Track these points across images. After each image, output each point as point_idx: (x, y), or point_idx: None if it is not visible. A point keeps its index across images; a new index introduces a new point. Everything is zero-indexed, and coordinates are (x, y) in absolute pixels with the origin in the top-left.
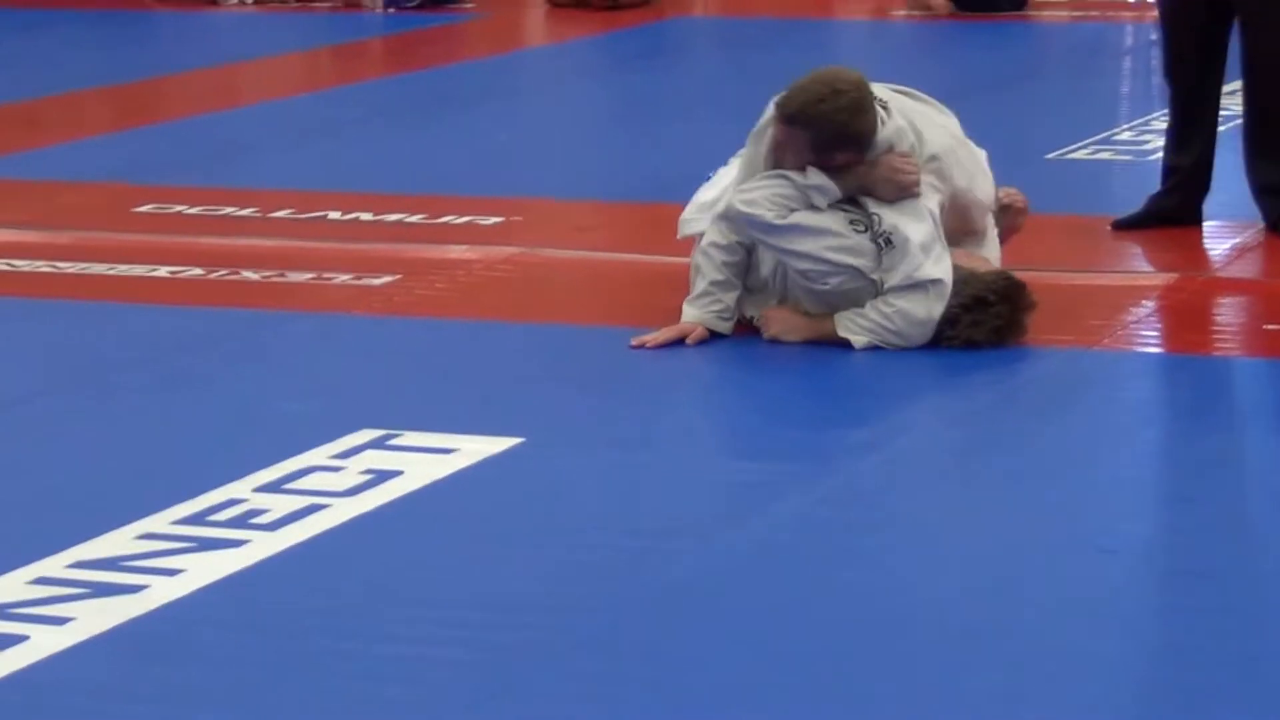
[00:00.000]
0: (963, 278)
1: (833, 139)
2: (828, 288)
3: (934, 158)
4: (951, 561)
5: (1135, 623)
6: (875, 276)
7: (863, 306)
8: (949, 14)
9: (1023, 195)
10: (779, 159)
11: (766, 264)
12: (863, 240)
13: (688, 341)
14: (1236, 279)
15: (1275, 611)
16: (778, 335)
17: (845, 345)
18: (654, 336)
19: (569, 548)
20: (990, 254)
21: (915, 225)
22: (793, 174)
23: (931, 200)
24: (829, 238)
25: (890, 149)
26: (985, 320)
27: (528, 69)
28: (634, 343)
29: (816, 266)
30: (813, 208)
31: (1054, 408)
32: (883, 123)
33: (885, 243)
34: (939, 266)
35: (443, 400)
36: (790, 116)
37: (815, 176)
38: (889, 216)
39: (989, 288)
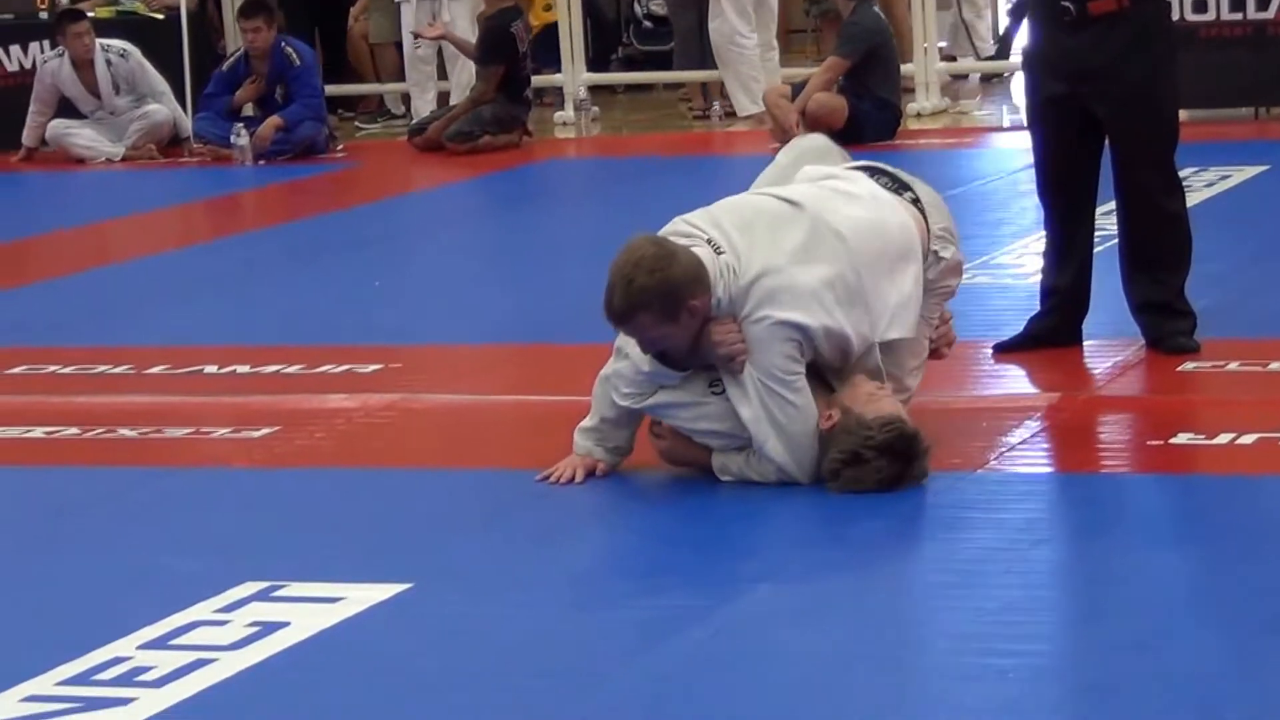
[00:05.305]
0: (846, 427)
1: (674, 297)
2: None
3: (759, 277)
4: (848, 691)
5: None
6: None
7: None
8: None
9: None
10: (660, 354)
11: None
12: (723, 402)
13: (595, 475)
14: (1118, 396)
15: None
16: (663, 454)
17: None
18: (559, 471)
19: (468, 693)
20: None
21: (742, 398)
22: (638, 360)
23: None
24: (690, 409)
25: (714, 317)
26: (865, 476)
27: (401, 215)
28: (539, 478)
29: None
30: (664, 388)
31: (941, 532)
32: (717, 251)
33: None
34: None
35: (327, 549)
36: (623, 313)
37: (651, 365)
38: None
39: (865, 443)
